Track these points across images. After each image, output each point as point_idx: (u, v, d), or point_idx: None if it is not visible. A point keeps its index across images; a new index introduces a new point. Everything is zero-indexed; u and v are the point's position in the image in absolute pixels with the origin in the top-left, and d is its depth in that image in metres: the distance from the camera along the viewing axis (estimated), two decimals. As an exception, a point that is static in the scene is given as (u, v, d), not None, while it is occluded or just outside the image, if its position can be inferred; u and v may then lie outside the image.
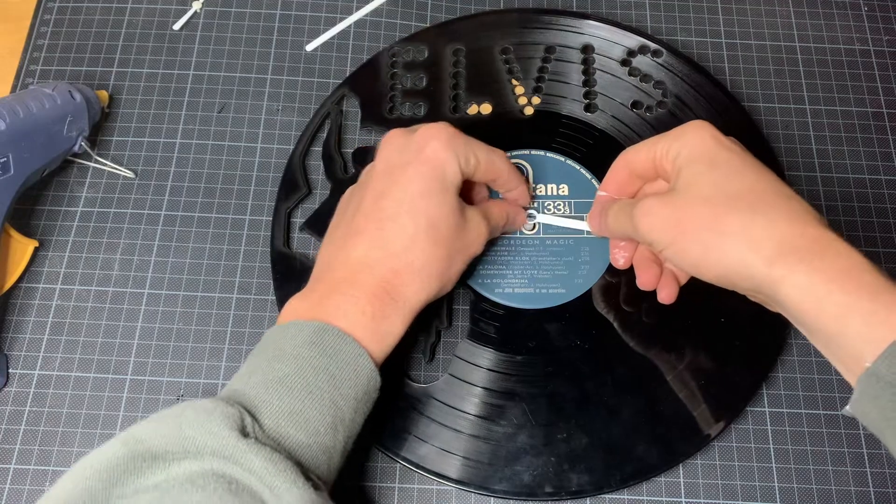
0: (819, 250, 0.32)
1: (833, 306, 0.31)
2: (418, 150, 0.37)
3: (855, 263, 0.31)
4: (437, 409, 0.41)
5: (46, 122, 0.43)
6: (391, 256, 0.36)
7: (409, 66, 0.50)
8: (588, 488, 0.39)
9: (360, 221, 0.37)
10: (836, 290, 0.31)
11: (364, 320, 0.35)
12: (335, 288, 0.36)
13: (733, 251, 0.33)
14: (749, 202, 0.34)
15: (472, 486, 0.39)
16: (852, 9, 0.54)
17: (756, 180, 0.35)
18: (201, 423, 0.30)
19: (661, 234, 0.36)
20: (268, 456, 0.29)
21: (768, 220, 0.33)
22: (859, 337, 0.30)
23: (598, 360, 0.42)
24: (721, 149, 0.36)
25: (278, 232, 0.45)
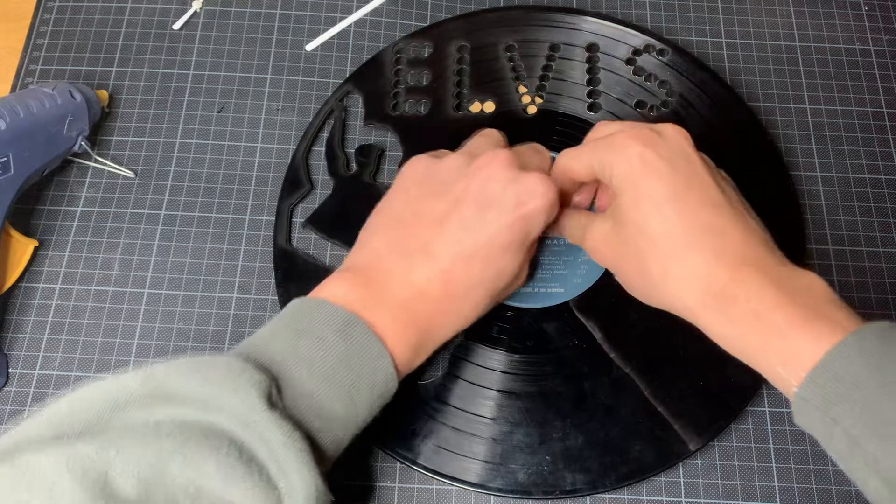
0: (732, 291, 0.33)
1: (752, 350, 0.33)
2: (519, 200, 0.35)
3: (768, 303, 0.32)
4: (436, 407, 0.41)
5: (46, 121, 0.43)
6: (448, 299, 0.35)
7: (413, 62, 0.50)
8: (583, 487, 0.39)
9: (434, 243, 0.35)
10: (752, 336, 0.32)
11: (400, 343, 0.34)
12: (383, 296, 0.35)
13: (660, 296, 0.36)
14: (667, 246, 0.34)
15: (469, 484, 0.39)
16: (852, 8, 0.54)
17: (675, 215, 0.34)
18: (230, 382, 0.30)
19: (608, 266, 0.39)
20: (289, 433, 0.29)
21: (684, 267, 0.34)
22: (781, 372, 0.31)
23: (596, 359, 0.42)
24: (645, 177, 0.35)
25: (281, 229, 0.45)
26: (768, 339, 0.32)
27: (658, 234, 0.34)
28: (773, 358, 0.32)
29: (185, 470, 0.28)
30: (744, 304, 0.32)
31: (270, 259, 0.45)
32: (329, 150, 0.48)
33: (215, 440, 0.28)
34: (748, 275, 0.33)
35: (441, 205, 0.36)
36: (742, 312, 0.32)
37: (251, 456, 0.29)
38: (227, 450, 0.28)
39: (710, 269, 0.33)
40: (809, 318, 0.31)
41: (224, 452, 0.28)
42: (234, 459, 0.28)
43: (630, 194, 0.35)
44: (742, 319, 0.32)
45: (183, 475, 0.27)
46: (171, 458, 0.27)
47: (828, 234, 0.46)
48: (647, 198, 0.35)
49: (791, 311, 0.31)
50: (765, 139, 0.47)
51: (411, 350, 0.35)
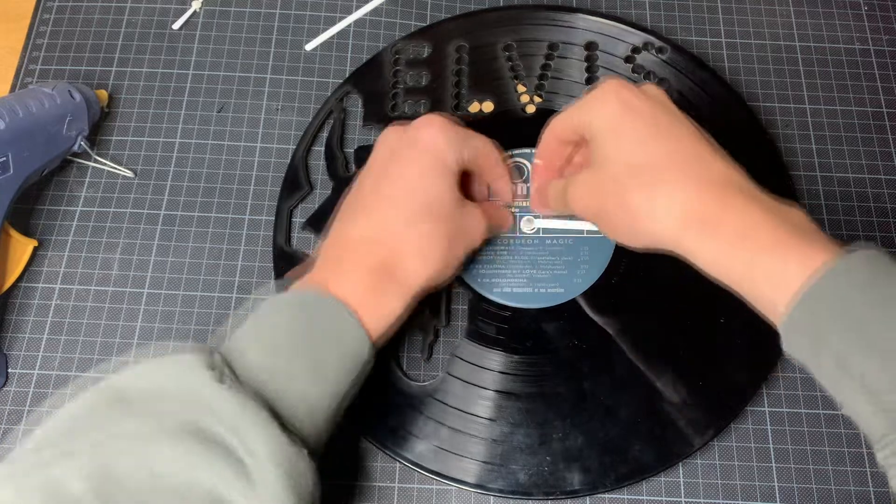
0: (718, 214, 0.32)
1: (738, 271, 0.32)
2: (415, 139, 0.39)
3: (754, 223, 0.32)
4: (435, 407, 0.41)
5: (46, 121, 0.43)
6: (390, 234, 0.36)
7: (412, 63, 0.50)
8: (584, 488, 0.39)
9: (360, 203, 0.38)
10: (738, 255, 0.32)
11: (360, 291, 0.35)
12: (335, 262, 0.36)
13: (643, 228, 0.35)
14: (650, 174, 0.34)
15: (469, 485, 0.39)
16: (852, 8, 0.54)
17: (657, 146, 0.35)
18: (176, 368, 0.31)
19: (591, 216, 0.38)
20: (238, 398, 0.30)
21: (669, 192, 0.34)
22: (769, 293, 0.31)
23: (595, 359, 0.42)
24: (625, 115, 0.36)
25: (280, 230, 0.45)
26: (756, 259, 0.31)
27: (641, 165, 0.34)
28: (760, 279, 0.31)
29: (141, 463, 0.28)
30: (730, 226, 0.32)
31: (270, 259, 0.45)
32: (328, 151, 0.48)
33: (166, 428, 0.29)
34: (734, 196, 0.33)
35: (359, 183, 0.40)
36: (728, 234, 0.32)
37: (205, 432, 0.29)
38: (180, 433, 0.29)
39: (694, 193, 0.33)
40: (797, 239, 0.31)
41: (176, 436, 0.29)
42: (188, 441, 0.28)
43: (611, 134, 0.36)
44: (728, 241, 0.32)
45: (140, 469, 0.28)
46: (122, 455, 0.28)
47: (828, 234, 0.46)
48: (629, 133, 0.35)
49: (778, 232, 0.31)
50: (765, 139, 0.47)
51: (377, 296, 0.35)
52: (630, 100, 0.36)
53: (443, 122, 0.39)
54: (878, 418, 0.28)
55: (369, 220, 0.37)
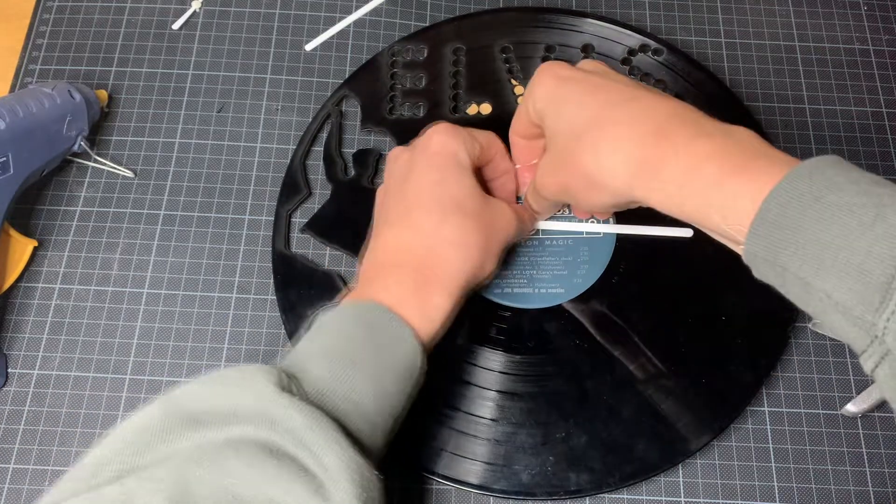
0: (660, 154, 0.31)
1: (690, 207, 0.31)
2: (426, 146, 0.39)
3: (698, 157, 0.31)
4: (438, 409, 0.41)
5: (46, 121, 0.43)
6: (425, 235, 0.37)
7: (409, 65, 0.50)
8: (587, 487, 0.39)
9: (387, 216, 0.39)
10: (687, 192, 0.31)
11: (406, 294, 0.35)
12: (376, 273, 0.37)
13: (599, 187, 0.34)
14: (592, 131, 0.34)
15: (472, 486, 0.39)
16: (852, 8, 0.54)
17: (593, 103, 0.34)
18: (242, 380, 0.30)
19: (560, 195, 0.38)
20: (309, 413, 0.29)
21: (611, 143, 0.33)
22: (725, 227, 0.30)
23: (596, 359, 0.42)
24: (560, 87, 0.36)
25: (279, 234, 0.45)
26: (706, 194, 0.30)
27: (582, 125, 0.34)
28: (714, 215, 0.30)
29: (217, 481, 0.28)
30: (675, 164, 0.31)
31: (269, 259, 0.45)
32: (326, 155, 0.48)
33: (240, 447, 0.28)
34: (675, 131, 0.32)
35: (382, 200, 0.41)
36: (675, 172, 0.31)
37: (279, 450, 0.29)
38: (254, 451, 0.28)
39: (634, 134, 0.32)
40: (743, 166, 0.30)
41: (250, 454, 0.28)
42: (262, 459, 0.28)
43: (553, 108, 0.36)
44: (676, 179, 0.31)
45: (217, 489, 0.27)
46: (198, 472, 0.28)
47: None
48: (567, 102, 0.35)
49: (723, 162, 0.30)
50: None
51: (422, 296, 0.35)
52: (562, 73, 0.36)
53: (448, 124, 0.40)
54: (855, 331, 0.27)
55: (401, 228, 0.37)
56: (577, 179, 0.35)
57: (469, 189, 0.38)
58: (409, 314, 0.35)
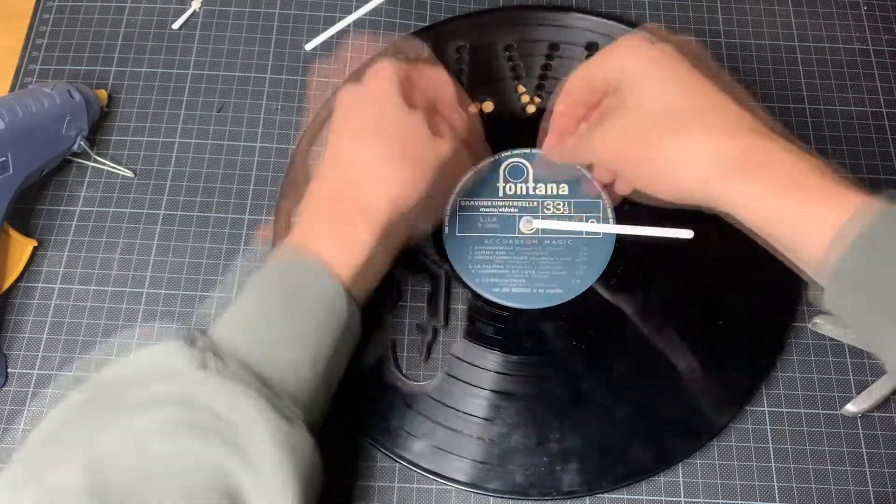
0: (760, 161, 0.31)
1: (783, 217, 0.31)
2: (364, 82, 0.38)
3: (799, 169, 0.31)
4: (433, 407, 0.41)
5: (45, 121, 0.43)
6: (343, 167, 0.36)
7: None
8: (581, 489, 0.39)
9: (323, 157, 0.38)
10: (783, 200, 0.31)
11: (324, 233, 0.35)
12: (302, 214, 0.37)
13: (675, 176, 0.34)
14: (683, 121, 0.33)
15: (466, 484, 0.39)
16: (852, 8, 0.53)
17: (691, 92, 0.34)
18: (160, 358, 0.31)
19: (616, 163, 0.38)
20: (228, 387, 0.30)
21: (704, 138, 0.33)
22: (811, 241, 0.30)
23: (593, 361, 0.42)
24: (649, 65, 0.35)
25: (279, 231, 0.45)
26: (805, 204, 0.30)
27: (667, 114, 0.34)
28: (806, 224, 0.30)
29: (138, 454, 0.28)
30: (779, 169, 0.31)
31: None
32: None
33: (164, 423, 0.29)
34: (773, 141, 0.31)
35: None
36: (774, 175, 0.31)
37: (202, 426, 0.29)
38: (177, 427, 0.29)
39: (725, 138, 0.32)
40: (842, 186, 0.30)
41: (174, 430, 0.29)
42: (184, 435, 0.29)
43: (642, 80, 0.35)
44: (779, 183, 0.31)
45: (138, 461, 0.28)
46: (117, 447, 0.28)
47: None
48: (662, 78, 0.34)
49: (824, 178, 0.30)
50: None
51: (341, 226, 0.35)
52: (661, 47, 0.35)
53: (388, 62, 0.39)
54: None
55: (325, 164, 0.37)
56: (647, 161, 0.35)
57: (391, 109, 0.37)
58: (328, 253, 0.34)
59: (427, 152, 0.37)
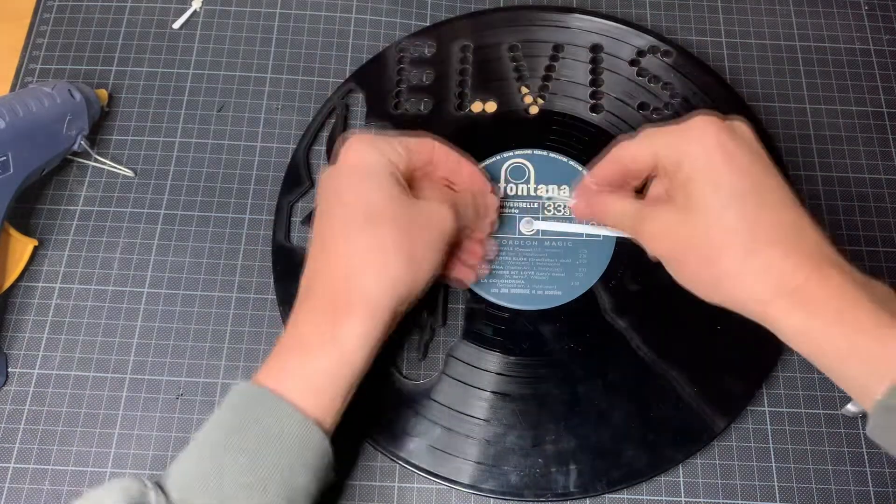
0: (815, 290, 0.31)
1: (833, 349, 0.31)
2: (341, 164, 0.37)
3: (852, 301, 0.31)
4: (430, 407, 0.41)
5: (46, 120, 0.43)
6: (337, 258, 0.34)
7: (417, 61, 0.50)
8: (575, 491, 0.39)
9: (312, 247, 0.36)
10: (835, 333, 0.30)
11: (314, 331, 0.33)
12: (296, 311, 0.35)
13: (728, 290, 0.33)
14: (747, 237, 0.33)
15: (461, 484, 0.39)
16: (852, 8, 0.53)
17: (758, 210, 0.33)
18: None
19: (664, 254, 0.36)
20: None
21: (765, 260, 0.32)
22: (863, 375, 0.30)
23: (590, 363, 0.42)
24: (725, 165, 0.34)
25: (280, 225, 0.45)
26: (852, 339, 0.30)
27: (737, 226, 0.33)
28: (854, 360, 0.30)
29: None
30: (826, 301, 0.31)
31: (270, 258, 0.45)
32: (330, 148, 0.48)
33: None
34: (829, 272, 0.31)
35: None
36: (824, 309, 0.31)
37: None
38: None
39: (790, 264, 0.32)
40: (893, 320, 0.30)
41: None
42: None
43: (707, 182, 0.34)
44: (824, 317, 0.31)
45: None
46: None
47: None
48: (727, 187, 0.33)
49: (878, 313, 0.30)
50: (764, 139, 0.47)
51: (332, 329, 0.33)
52: (731, 149, 0.34)
53: (362, 135, 0.37)
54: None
55: (316, 256, 0.35)
56: (703, 269, 0.34)
57: (381, 193, 0.35)
58: (318, 352, 0.33)
59: (434, 230, 0.36)
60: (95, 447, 0.41)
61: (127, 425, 0.42)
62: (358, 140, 0.37)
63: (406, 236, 0.35)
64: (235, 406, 0.33)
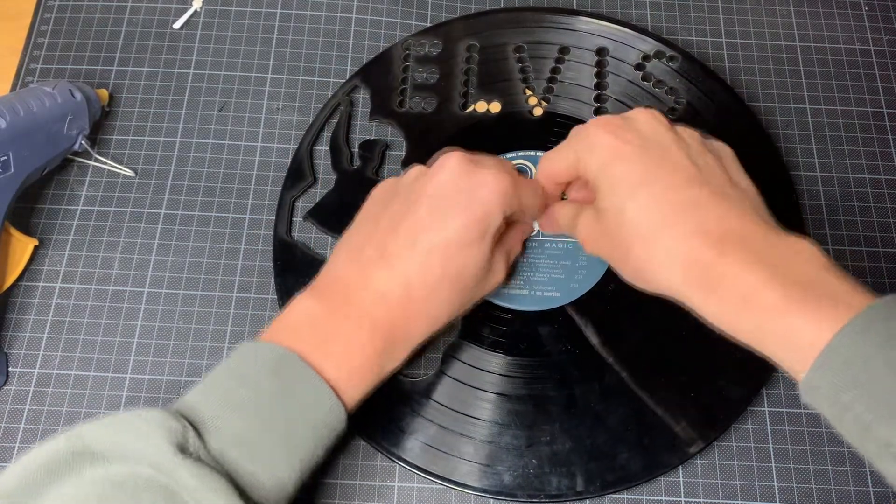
0: (718, 272, 0.31)
1: (747, 333, 0.31)
2: (472, 192, 0.36)
3: (756, 283, 0.30)
4: (425, 404, 0.41)
5: (47, 120, 0.43)
6: (410, 300, 0.35)
7: (422, 60, 0.50)
8: (568, 493, 0.39)
9: (391, 245, 0.35)
10: (746, 318, 0.31)
11: (365, 351, 0.34)
12: (345, 306, 0.35)
13: (649, 279, 0.34)
14: (646, 227, 0.33)
15: (454, 483, 0.39)
16: (852, 8, 0.54)
17: (649, 198, 0.34)
18: (143, 433, 0.30)
19: (593, 252, 0.38)
20: (201, 474, 0.29)
21: (666, 248, 0.33)
22: (782, 357, 0.30)
23: (588, 365, 0.41)
24: (615, 162, 0.35)
25: (282, 220, 0.45)
26: (764, 322, 0.30)
27: (635, 218, 0.34)
28: (770, 342, 0.30)
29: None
30: (731, 285, 0.31)
31: (270, 258, 0.45)
32: (334, 144, 0.48)
33: (132, 484, 0.29)
34: (731, 252, 0.31)
35: (398, 209, 0.37)
36: (731, 294, 0.31)
37: (175, 495, 0.29)
38: (146, 492, 0.28)
39: (690, 247, 0.32)
40: (807, 296, 0.29)
41: (141, 494, 0.28)
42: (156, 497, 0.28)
43: (605, 183, 0.35)
44: (732, 301, 0.31)
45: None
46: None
47: (828, 235, 0.46)
48: (620, 184, 0.35)
49: (785, 291, 0.29)
50: (765, 139, 0.47)
51: (376, 357, 0.35)
52: (619, 148, 0.35)
53: (505, 182, 0.36)
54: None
55: (391, 274, 0.35)
56: (623, 264, 0.36)
57: (480, 261, 0.36)
58: (359, 366, 0.34)
59: (486, 291, 0.39)
60: (96, 447, 0.41)
61: (127, 425, 0.42)
62: (502, 186, 0.36)
63: (466, 304, 0.38)
64: (278, 374, 0.33)
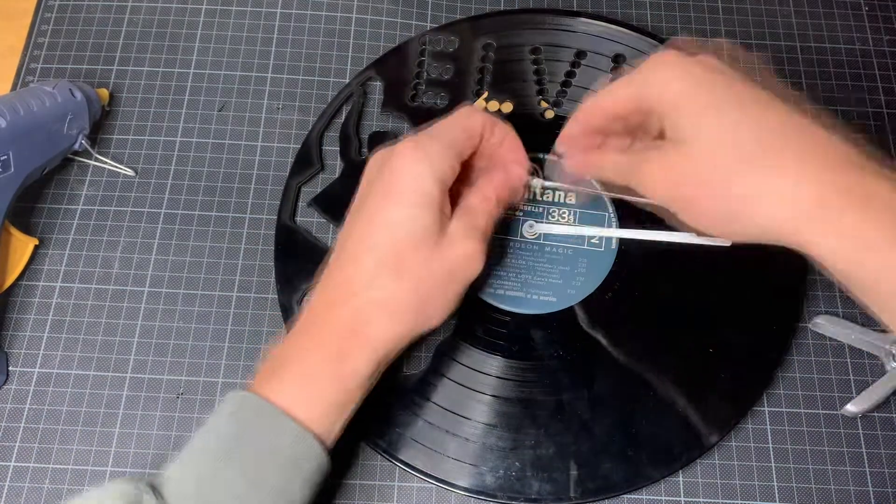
0: (848, 205, 0.27)
1: (871, 269, 0.27)
2: (389, 166, 0.35)
3: (891, 216, 0.27)
4: (414, 400, 0.41)
5: (47, 120, 0.43)
6: (353, 295, 0.34)
7: (438, 55, 0.50)
8: (547, 497, 0.39)
9: (339, 254, 0.36)
10: (871, 254, 0.27)
11: (321, 364, 0.33)
12: (307, 324, 0.35)
13: (752, 219, 0.30)
14: (760, 152, 0.29)
15: (435, 479, 0.39)
16: (853, 8, 0.54)
17: (764, 117, 0.30)
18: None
19: (668, 196, 0.32)
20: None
21: (787, 178, 0.28)
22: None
23: (578, 373, 0.41)
24: (716, 83, 0.31)
25: (286, 205, 0.46)
26: (893, 262, 0.26)
27: (745, 141, 0.29)
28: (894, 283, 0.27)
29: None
30: (861, 219, 0.27)
31: (271, 258, 0.45)
32: (344, 134, 0.48)
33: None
34: (865, 177, 0.28)
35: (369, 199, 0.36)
36: (860, 230, 0.27)
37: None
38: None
39: (817, 173, 0.28)
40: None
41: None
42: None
43: (698, 106, 0.31)
44: (863, 227, 0.27)
45: None
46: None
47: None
48: (724, 103, 0.30)
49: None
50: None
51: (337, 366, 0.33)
52: (714, 65, 0.31)
53: (412, 143, 0.35)
54: None
55: (335, 276, 0.35)
56: (712, 203, 0.31)
57: (419, 234, 0.34)
58: (321, 383, 0.33)
59: (459, 275, 0.35)
60: (96, 446, 0.41)
61: (127, 424, 0.42)
62: (409, 149, 0.35)
63: (426, 291, 0.34)
64: (234, 415, 0.33)
